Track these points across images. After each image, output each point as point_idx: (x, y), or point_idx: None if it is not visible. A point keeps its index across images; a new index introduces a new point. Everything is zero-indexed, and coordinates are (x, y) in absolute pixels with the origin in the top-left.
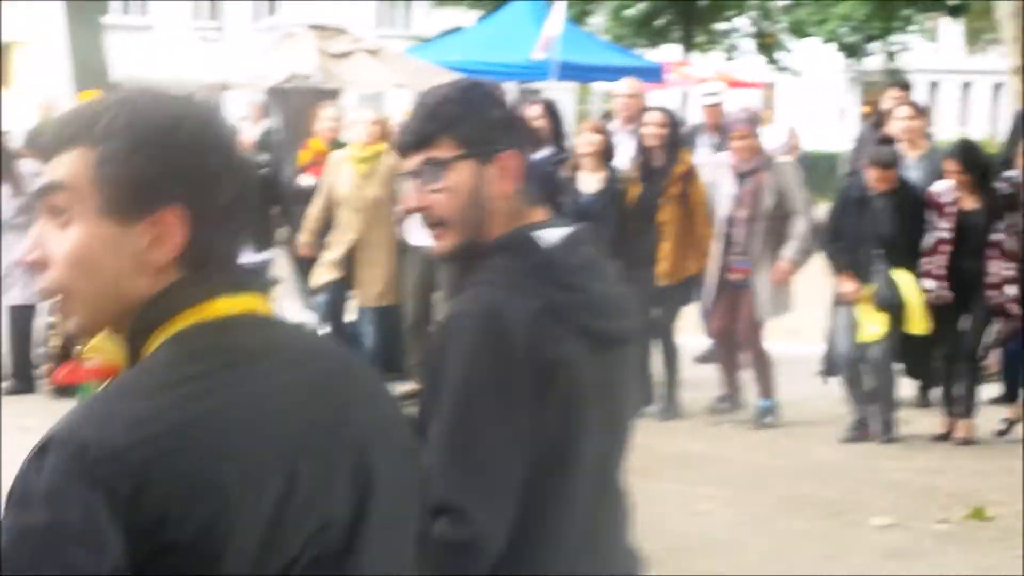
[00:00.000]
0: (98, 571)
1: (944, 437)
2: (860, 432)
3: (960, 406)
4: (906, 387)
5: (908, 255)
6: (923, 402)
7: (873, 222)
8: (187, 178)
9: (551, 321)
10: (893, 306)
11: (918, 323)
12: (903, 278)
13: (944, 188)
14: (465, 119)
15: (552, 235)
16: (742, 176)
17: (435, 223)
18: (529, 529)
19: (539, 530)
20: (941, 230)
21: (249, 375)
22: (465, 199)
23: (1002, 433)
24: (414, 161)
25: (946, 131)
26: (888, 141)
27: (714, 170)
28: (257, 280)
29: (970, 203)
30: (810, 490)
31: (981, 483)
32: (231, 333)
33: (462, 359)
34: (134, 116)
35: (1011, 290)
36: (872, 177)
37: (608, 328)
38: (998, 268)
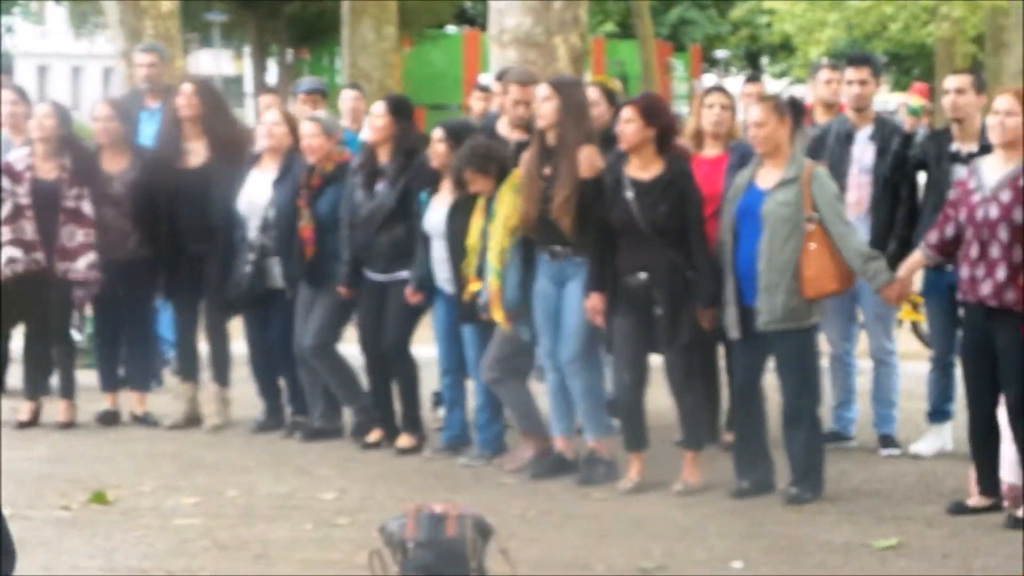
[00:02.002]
0: None
1: (69, 425)
2: None
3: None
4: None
5: None
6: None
7: None
8: None
9: None
10: None
11: None
12: None
13: (18, 156)
14: None
15: None
16: None
17: None
18: None
19: None
20: (20, 196)
21: None
22: None
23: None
24: None
25: None
26: None
27: None
28: None
29: (46, 171)
30: None
31: (101, 468)
32: None
33: None
34: None
35: (89, 258)
36: None
37: None
38: (73, 236)
